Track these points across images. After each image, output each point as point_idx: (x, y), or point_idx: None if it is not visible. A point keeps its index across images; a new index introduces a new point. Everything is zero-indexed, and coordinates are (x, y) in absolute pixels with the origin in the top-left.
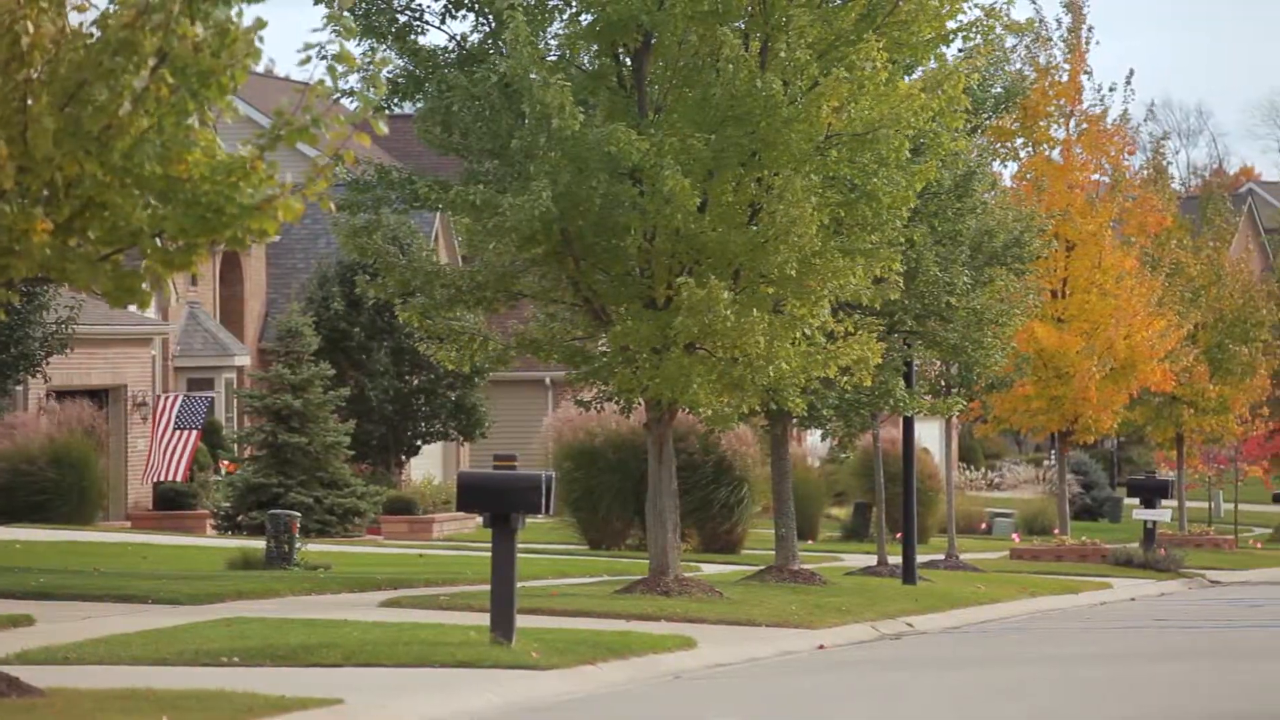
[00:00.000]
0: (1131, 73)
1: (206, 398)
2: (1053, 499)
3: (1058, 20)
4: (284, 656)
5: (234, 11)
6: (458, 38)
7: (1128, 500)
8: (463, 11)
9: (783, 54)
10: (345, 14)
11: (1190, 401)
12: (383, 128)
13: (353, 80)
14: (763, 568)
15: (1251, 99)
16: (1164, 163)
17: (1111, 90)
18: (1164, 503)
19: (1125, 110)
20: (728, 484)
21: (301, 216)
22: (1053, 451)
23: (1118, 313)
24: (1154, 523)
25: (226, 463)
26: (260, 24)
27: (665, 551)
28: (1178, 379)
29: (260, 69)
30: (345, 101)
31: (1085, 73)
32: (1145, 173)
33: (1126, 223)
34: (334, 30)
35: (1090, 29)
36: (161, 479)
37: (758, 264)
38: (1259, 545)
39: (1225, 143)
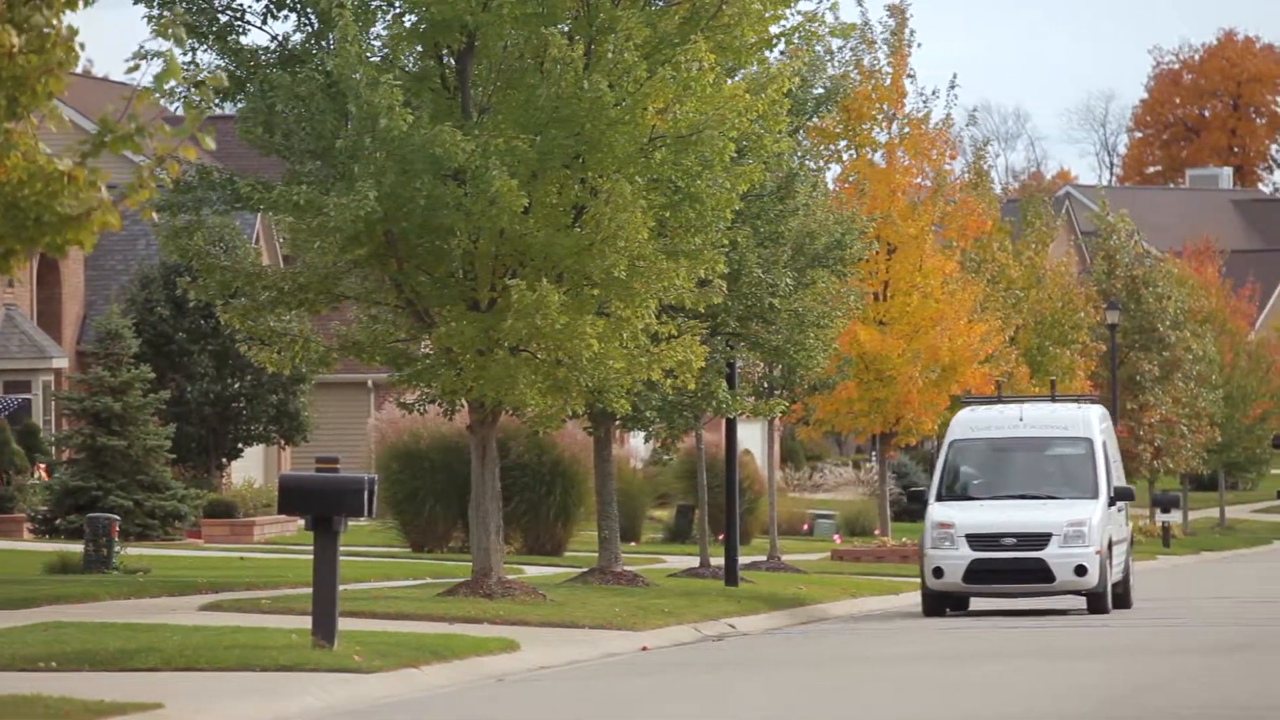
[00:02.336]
0: (955, 77)
1: (18, 399)
2: (874, 500)
3: (882, 23)
4: (102, 661)
5: (53, 17)
6: (280, 38)
7: None
8: (285, 11)
9: (609, 55)
10: (169, 18)
11: None
12: (210, 143)
13: (176, 84)
14: (586, 570)
15: (1069, 103)
16: (985, 166)
17: (934, 95)
18: None
19: (948, 115)
20: (555, 486)
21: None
22: (874, 453)
23: (939, 316)
24: None
25: (43, 466)
26: (73, 31)
27: (488, 554)
28: (998, 382)
29: (79, 69)
30: (169, 104)
31: (909, 76)
32: (966, 176)
33: (948, 226)
34: (159, 36)
35: (913, 33)
36: None
37: (583, 266)
38: None
39: (1043, 146)
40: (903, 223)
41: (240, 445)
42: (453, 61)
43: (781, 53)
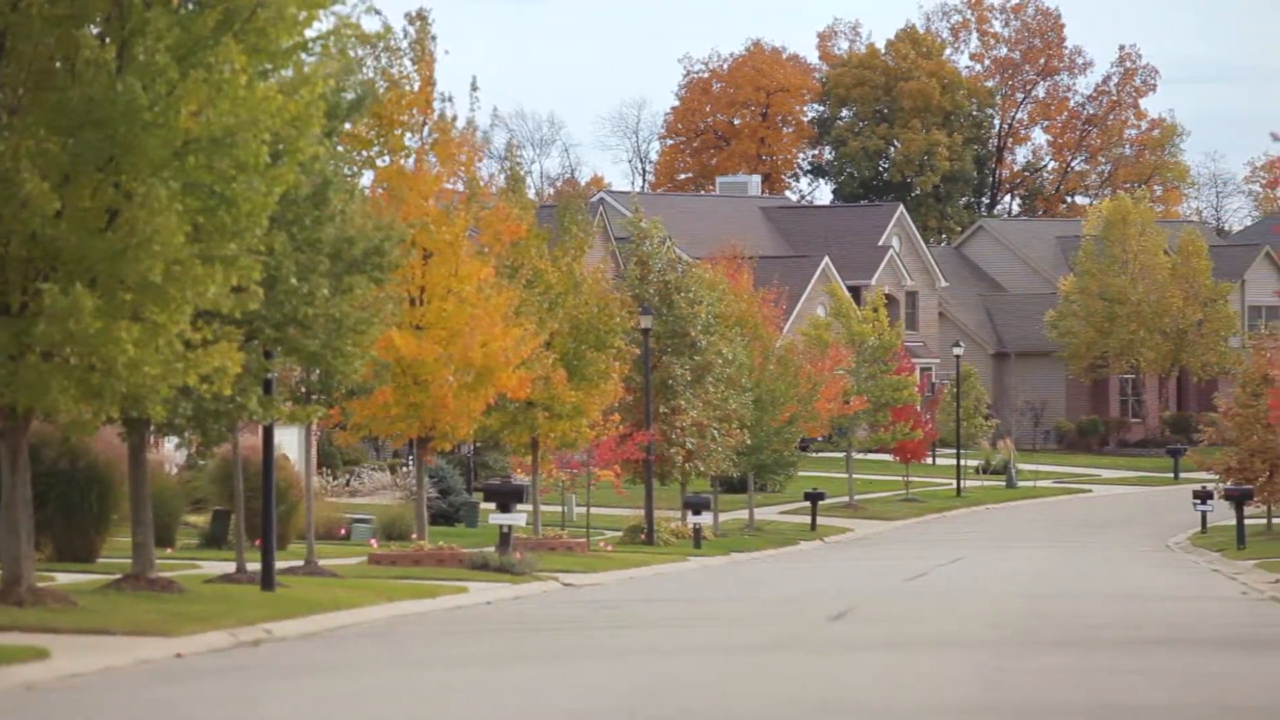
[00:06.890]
0: (475, 80)
1: None
2: (411, 504)
3: (405, 31)
4: None
5: None
6: None
7: (484, 505)
8: None
9: (141, 58)
10: None
11: (546, 406)
12: None
13: None
14: (120, 576)
15: (602, 111)
16: (520, 171)
17: (451, 99)
18: (519, 507)
19: (471, 118)
20: (90, 492)
21: None
22: (411, 457)
23: (474, 321)
24: (509, 527)
25: None
26: None
27: (19, 561)
28: (535, 386)
29: None
30: None
31: (434, 83)
32: (501, 180)
33: (483, 231)
34: None
35: (434, 38)
36: None
37: (118, 271)
38: (610, 548)
39: (577, 153)
40: (437, 228)
41: None
42: None
43: (313, 57)
